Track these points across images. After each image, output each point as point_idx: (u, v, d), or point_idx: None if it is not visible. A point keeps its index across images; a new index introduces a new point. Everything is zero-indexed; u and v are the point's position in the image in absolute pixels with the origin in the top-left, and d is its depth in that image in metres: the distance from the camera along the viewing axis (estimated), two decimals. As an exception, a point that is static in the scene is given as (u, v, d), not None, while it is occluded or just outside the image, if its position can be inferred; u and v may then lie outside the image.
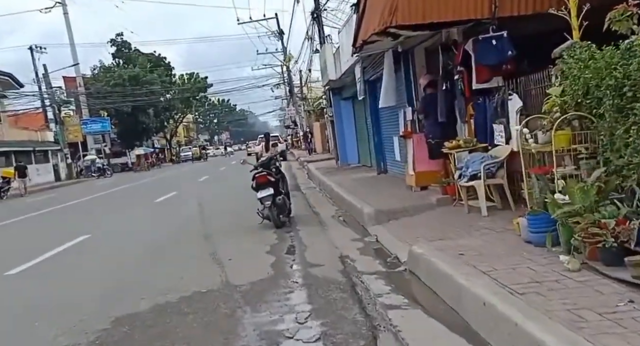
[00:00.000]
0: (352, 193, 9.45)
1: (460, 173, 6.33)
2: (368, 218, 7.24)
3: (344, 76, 14.09)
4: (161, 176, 29.57)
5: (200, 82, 56.97)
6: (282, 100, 59.33)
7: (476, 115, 6.76)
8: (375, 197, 8.66)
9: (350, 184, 11.34)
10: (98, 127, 40.15)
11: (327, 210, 9.52)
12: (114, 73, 43.77)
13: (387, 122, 11.61)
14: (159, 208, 13.04)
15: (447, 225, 6.08)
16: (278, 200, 7.98)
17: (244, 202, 12.08)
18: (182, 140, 68.66)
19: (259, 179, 7.98)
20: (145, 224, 10.35)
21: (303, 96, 41.34)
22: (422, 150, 8.50)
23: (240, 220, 9.32)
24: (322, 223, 8.27)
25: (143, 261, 6.80)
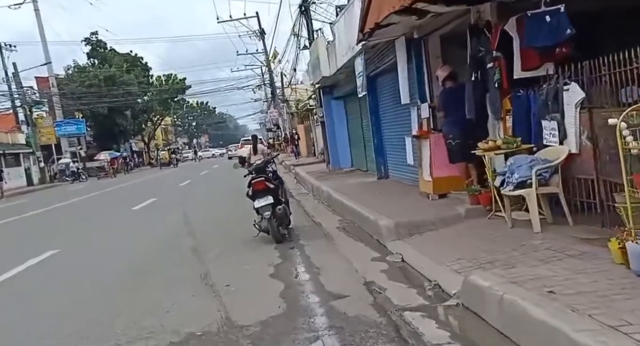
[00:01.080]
0: (357, 202, 8.31)
1: (502, 180, 5.24)
2: (386, 232, 6.11)
3: (339, 72, 12.98)
4: (137, 181, 27.97)
5: (178, 83, 55.28)
6: (263, 103, 58.00)
7: (515, 110, 5.70)
8: (386, 206, 7.54)
9: (350, 190, 10.21)
10: (73, 129, 38.18)
11: (329, 220, 8.38)
12: (89, 73, 41.90)
13: (392, 121, 10.52)
14: (137, 217, 11.70)
15: (492, 242, 4.99)
16: (278, 210, 6.81)
17: (233, 209, 10.87)
18: (161, 143, 66.57)
19: (257, 186, 6.80)
20: (122, 237, 9.03)
21: (284, 98, 40.15)
22: (440, 153, 7.42)
23: (232, 231, 8.13)
24: (328, 236, 7.12)
25: (119, 287, 5.54)
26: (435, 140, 7.45)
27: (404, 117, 9.56)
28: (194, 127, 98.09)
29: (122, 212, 12.81)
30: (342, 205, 8.90)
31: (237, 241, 7.28)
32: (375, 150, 11.60)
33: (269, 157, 7.70)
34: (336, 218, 8.57)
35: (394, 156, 10.96)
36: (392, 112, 10.45)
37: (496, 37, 5.59)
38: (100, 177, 35.84)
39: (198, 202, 13.49)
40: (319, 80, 14.57)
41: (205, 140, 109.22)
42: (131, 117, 46.58)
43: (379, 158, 11.56)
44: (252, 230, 7.14)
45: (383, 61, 9.62)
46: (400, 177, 10.56)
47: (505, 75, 5.66)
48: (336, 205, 9.50)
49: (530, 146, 5.41)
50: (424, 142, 7.64)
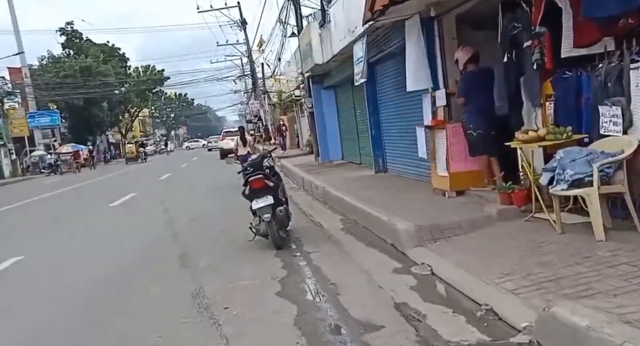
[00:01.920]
0: (361, 199, 7.38)
1: (551, 177, 4.36)
2: (406, 237, 5.18)
3: (333, 60, 11.98)
4: (101, 178, 26.52)
5: (156, 74, 53.41)
6: (243, 94, 56.48)
7: (560, 95, 4.82)
8: (397, 205, 6.63)
9: (348, 186, 9.27)
10: (47, 121, 36.29)
11: (329, 220, 7.43)
12: (64, 64, 39.81)
13: (393, 111, 9.59)
14: (115, 214, 10.54)
15: (543, 253, 4.11)
16: (279, 212, 5.83)
17: (221, 205, 9.83)
18: (138, 135, 64.53)
19: (255, 184, 5.80)
20: (96, 240, 7.91)
21: (265, 90, 38.86)
22: (458, 145, 6.54)
23: (222, 232, 7.13)
24: (334, 239, 6.16)
25: (90, 308, 4.49)
26: (452, 131, 6.56)
27: (409, 106, 8.65)
28: (172, 119, 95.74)
29: (98, 209, 11.61)
30: (342, 202, 7.96)
31: (229, 246, 6.28)
32: (372, 143, 10.66)
33: (265, 151, 6.69)
34: (337, 217, 7.63)
35: (394, 149, 10.05)
36: (394, 101, 9.52)
37: (540, 10, 4.69)
38: (62, 172, 31.84)
39: (181, 197, 12.38)
40: (310, 68, 13.55)
41: (183, 132, 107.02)
42: (108, 109, 44.66)
43: (377, 151, 10.63)
44: (245, 231, 6.18)
45: (387, 45, 8.66)
46: (401, 171, 9.66)
47: (550, 54, 4.77)
48: (334, 202, 8.55)
49: (582, 136, 4.54)
50: (439, 133, 6.73)
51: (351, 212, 7.40)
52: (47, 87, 36.91)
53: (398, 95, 9.08)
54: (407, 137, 8.95)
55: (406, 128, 8.97)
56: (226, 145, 28.37)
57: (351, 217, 7.31)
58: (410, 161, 8.96)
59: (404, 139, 9.20)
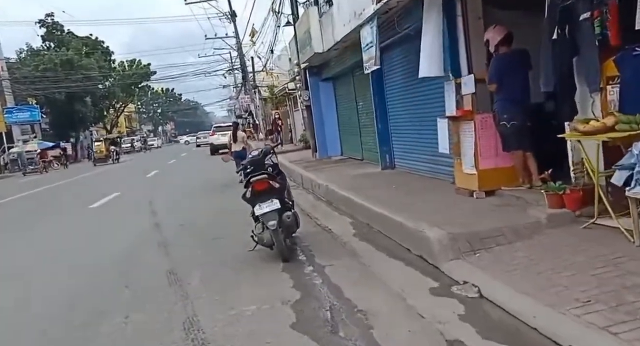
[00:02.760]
0: (374, 200, 6.57)
1: (630, 175, 3.57)
2: (440, 248, 4.37)
3: (334, 48, 11.12)
4: (87, 175, 25.44)
5: (142, 68, 52.15)
6: (232, 89, 55.32)
7: (628, 77, 4.03)
8: (418, 207, 5.83)
9: (354, 184, 8.45)
10: (26, 116, 34.96)
11: (338, 224, 6.62)
12: (44, 57, 38.40)
13: (403, 102, 8.76)
14: (95, 217, 9.61)
15: (627, 272, 3.32)
16: (287, 218, 5.00)
17: (213, 207, 8.97)
18: (124, 131, 63.17)
19: (258, 186, 4.96)
20: (68, 250, 6.99)
21: (254, 85, 37.87)
22: (488, 138, 5.74)
23: (217, 241, 6.28)
24: (349, 249, 5.34)
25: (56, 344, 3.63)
26: (482, 122, 5.76)
27: (424, 97, 7.84)
28: (159, 114, 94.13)
29: (77, 210, 10.66)
30: (351, 203, 7.14)
31: (227, 257, 5.42)
32: (378, 137, 9.84)
33: (268, 146, 5.83)
34: (345, 220, 6.82)
35: (403, 143, 9.23)
36: (404, 91, 8.70)
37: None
38: (25, 173, 28.70)
39: (169, 197, 11.46)
40: (308, 58, 12.66)
41: (171, 127, 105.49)
42: (91, 104, 43.30)
43: (383, 146, 9.81)
44: (244, 238, 5.44)
45: (401, 27, 7.81)
46: (411, 167, 8.85)
47: (616, 27, 3.98)
48: (341, 203, 7.74)
49: (661, 127, 3.75)
50: (466, 125, 5.92)
51: (363, 214, 6.59)
52: (25, 81, 35.51)
53: (410, 84, 8.27)
54: (421, 130, 8.15)
55: (419, 121, 8.17)
56: (216, 140, 27.43)
57: (362, 219, 6.51)
58: (424, 157, 8.16)
59: (416, 133, 8.40)
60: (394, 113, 9.45)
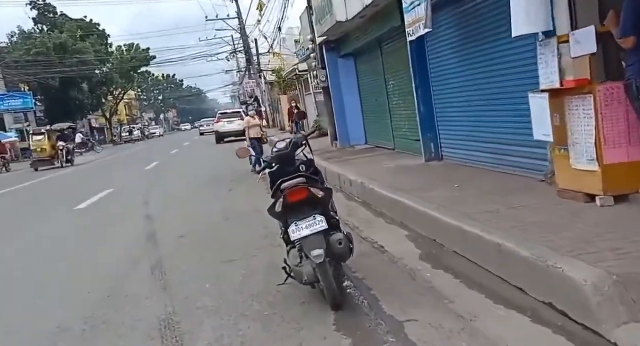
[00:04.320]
0: (440, 207, 4.94)
1: None
2: (599, 301, 2.72)
3: (360, 15, 9.40)
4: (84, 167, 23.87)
5: (141, 53, 50.34)
6: (236, 74, 53.46)
7: None
8: (509, 218, 4.20)
9: (398, 181, 6.83)
10: (18, 104, 33.39)
11: (392, 238, 5.03)
12: (36, 40, 36.68)
13: (455, 77, 7.06)
14: (78, 225, 7.98)
15: None
16: (337, 243, 3.36)
17: (221, 209, 7.33)
18: (124, 119, 61.61)
19: (293, 196, 3.36)
20: (40, 270, 5.41)
21: (259, 69, 36.09)
22: (618, 121, 4.08)
23: (227, 265, 4.68)
24: (425, 285, 3.71)
25: None
26: (606, 96, 4.08)
27: (490, 67, 6.16)
28: (160, 102, 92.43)
29: (57, 216, 9.09)
30: (403, 209, 5.55)
31: (245, 296, 3.82)
32: (421, 122, 8.17)
33: (300, 136, 4.16)
34: (399, 232, 5.24)
35: (455, 129, 7.57)
36: (458, 63, 7.02)
37: None
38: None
39: (170, 196, 9.87)
40: (327, 30, 10.94)
41: (173, 115, 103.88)
42: (88, 91, 41.62)
43: (428, 132, 8.15)
44: (262, 259, 4.14)
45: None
46: (467, 159, 7.21)
47: None
48: (385, 207, 6.14)
49: None
50: (579, 101, 4.24)
51: (423, 224, 4.98)
52: (16, 66, 33.85)
53: (467, 54, 6.61)
54: (485, 112, 6.50)
55: (483, 99, 6.52)
56: (222, 128, 25.86)
57: (423, 232, 4.93)
58: (488, 146, 6.51)
59: (477, 115, 6.75)
60: (442, 93, 7.77)
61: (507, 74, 5.74)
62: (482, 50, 6.27)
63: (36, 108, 36.63)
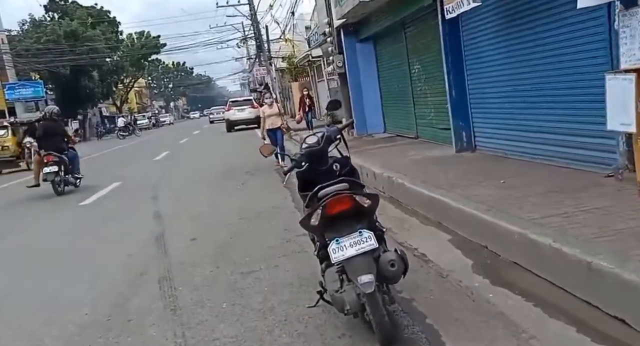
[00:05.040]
0: (490, 207, 4.19)
1: None
2: None
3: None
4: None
5: (152, 40, 49.49)
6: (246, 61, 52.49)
7: None
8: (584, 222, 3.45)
9: (430, 174, 6.07)
10: (29, 93, 32.68)
11: (433, 244, 4.32)
12: (46, 28, 35.94)
13: (501, 59, 6.24)
14: (80, 222, 7.31)
15: None
16: (389, 265, 2.61)
17: (236, 204, 6.57)
18: (135, 107, 61.03)
19: (335, 206, 2.63)
20: (29, 280, 4.73)
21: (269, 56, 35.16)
22: None
23: (247, 277, 3.96)
24: (488, 308, 2.98)
25: None
26: None
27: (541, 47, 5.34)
28: (170, 90, 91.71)
29: (61, 210, 8.44)
30: (442, 208, 4.81)
31: (269, 323, 3.11)
32: (452, 109, 7.38)
33: (333, 127, 3.40)
34: (439, 235, 4.53)
35: (492, 116, 6.79)
36: (499, 42, 6.20)
37: None
38: None
39: (182, 189, 9.19)
40: (348, 11, 10.08)
41: (183, 103, 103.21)
42: (99, 79, 40.91)
43: (460, 120, 7.37)
44: (286, 269, 3.59)
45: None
46: (507, 149, 6.44)
47: None
48: (418, 205, 5.40)
49: None
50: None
51: (468, 227, 4.27)
52: (27, 54, 33.17)
53: (516, 30, 5.78)
54: (531, 96, 5.71)
55: (529, 84, 5.71)
56: (233, 115, 25.11)
57: (469, 236, 4.22)
58: (538, 136, 5.72)
59: (521, 101, 5.95)
60: (478, 76, 6.96)
61: (564, 53, 4.94)
62: (532, 26, 5.45)
63: (47, 97, 36.04)
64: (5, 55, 32.23)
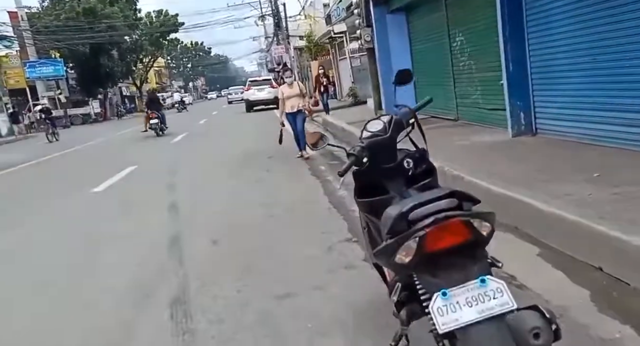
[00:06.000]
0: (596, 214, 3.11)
1: None
2: None
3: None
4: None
5: (170, 19, 48.27)
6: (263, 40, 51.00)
7: None
8: None
9: (490, 164, 4.99)
10: (49, 71, 31.92)
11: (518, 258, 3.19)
12: (65, 4, 34.90)
13: (582, 19, 5.04)
14: (89, 215, 6.33)
15: None
16: (534, 336, 1.55)
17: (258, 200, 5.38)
18: (155, 86, 60.12)
19: (443, 239, 1.59)
20: (8, 302, 3.82)
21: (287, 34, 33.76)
22: None
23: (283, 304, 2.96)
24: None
25: None
26: None
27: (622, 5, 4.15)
28: (189, 69, 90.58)
29: (72, 198, 7.54)
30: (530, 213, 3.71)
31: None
32: (509, 86, 6.21)
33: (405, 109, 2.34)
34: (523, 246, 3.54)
35: (563, 94, 5.61)
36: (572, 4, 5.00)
37: None
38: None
39: (198, 179, 8.24)
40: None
41: (201, 83, 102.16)
42: (118, 57, 39.95)
43: (517, 99, 6.20)
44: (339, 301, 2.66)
45: None
46: (583, 134, 5.29)
47: None
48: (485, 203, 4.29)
49: None
50: None
51: (573, 242, 3.19)
52: (46, 31, 32.22)
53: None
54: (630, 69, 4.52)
55: (622, 51, 4.53)
56: (252, 95, 24.06)
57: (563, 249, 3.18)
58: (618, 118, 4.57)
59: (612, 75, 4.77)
60: (543, 46, 5.76)
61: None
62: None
63: (67, 76, 35.29)
64: (25, 33, 31.38)
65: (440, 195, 1.70)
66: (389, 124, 2.22)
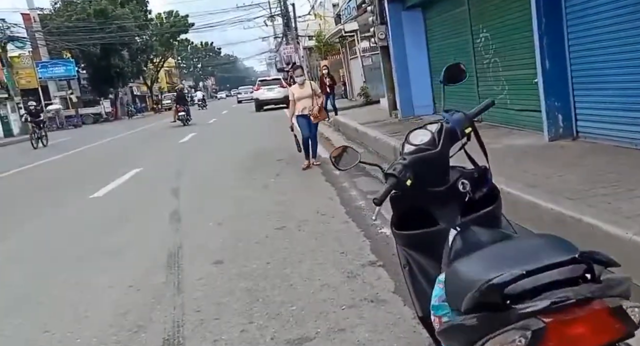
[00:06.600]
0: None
1: None
2: None
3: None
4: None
5: (180, 20, 47.92)
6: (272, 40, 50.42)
7: None
8: None
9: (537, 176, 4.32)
10: (61, 71, 31.61)
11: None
12: (77, 6, 34.57)
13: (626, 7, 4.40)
14: (85, 225, 5.80)
15: None
16: None
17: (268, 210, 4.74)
18: (165, 86, 59.83)
19: (566, 341, 0.93)
20: None
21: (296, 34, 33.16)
22: None
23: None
24: None
25: None
26: None
27: None
28: (199, 69, 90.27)
29: (69, 205, 6.97)
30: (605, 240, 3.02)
31: None
32: (545, 84, 5.53)
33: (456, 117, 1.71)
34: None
35: (609, 92, 4.92)
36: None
37: None
38: None
39: (205, 182, 7.64)
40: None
41: (211, 83, 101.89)
42: (129, 58, 39.56)
43: (555, 99, 5.51)
44: None
45: None
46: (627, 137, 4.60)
47: None
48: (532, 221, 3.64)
49: None
50: None
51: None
52: (57, 32, 31.87)
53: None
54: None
55: None
56: (262, 95, 23.54)
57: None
58: None
59: None
60: (586, 40, 5.07)
61: None
62: None
63: (79, 76, 34.96)
64: (37, 34, 31.06)
65: (561, 261, 1.06)
66: (439, 135, 1.63)
